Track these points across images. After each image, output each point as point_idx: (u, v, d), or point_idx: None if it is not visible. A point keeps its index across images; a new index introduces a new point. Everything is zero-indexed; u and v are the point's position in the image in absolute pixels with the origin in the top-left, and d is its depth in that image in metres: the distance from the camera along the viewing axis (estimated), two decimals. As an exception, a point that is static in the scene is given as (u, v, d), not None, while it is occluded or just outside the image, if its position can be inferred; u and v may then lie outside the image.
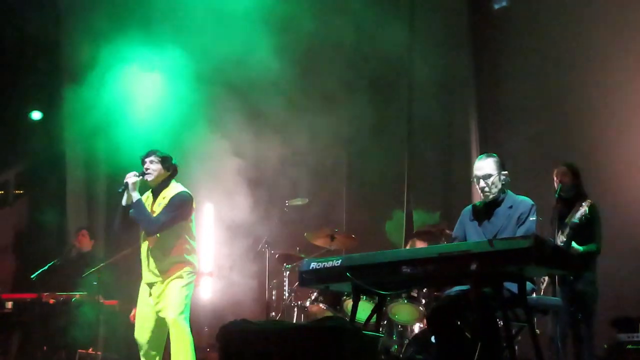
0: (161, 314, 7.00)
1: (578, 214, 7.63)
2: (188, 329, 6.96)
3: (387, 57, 10.85)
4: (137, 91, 10.33)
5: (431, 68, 10.85)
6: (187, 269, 7.05)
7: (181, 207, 6.99)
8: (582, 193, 8.12)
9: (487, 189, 6.25)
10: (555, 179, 8.16)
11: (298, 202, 9.60)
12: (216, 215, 11.18)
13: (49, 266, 9.74)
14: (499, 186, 6.26)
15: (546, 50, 10.25)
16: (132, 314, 9.52)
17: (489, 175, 6.24)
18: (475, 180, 6.31)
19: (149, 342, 7.07)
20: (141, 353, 7.14)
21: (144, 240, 7.11)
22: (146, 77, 10.36)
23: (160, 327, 7.03)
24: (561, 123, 10.00)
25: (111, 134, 10.41)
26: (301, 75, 10.70)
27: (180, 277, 7.00)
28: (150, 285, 7.05)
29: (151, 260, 7.02)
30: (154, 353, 7.10)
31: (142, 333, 7.08)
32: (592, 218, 7.84)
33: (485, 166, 6.29)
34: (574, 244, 7.63)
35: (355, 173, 11.12)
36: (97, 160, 11.59)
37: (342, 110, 11.07)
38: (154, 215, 7.00)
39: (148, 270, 7.07)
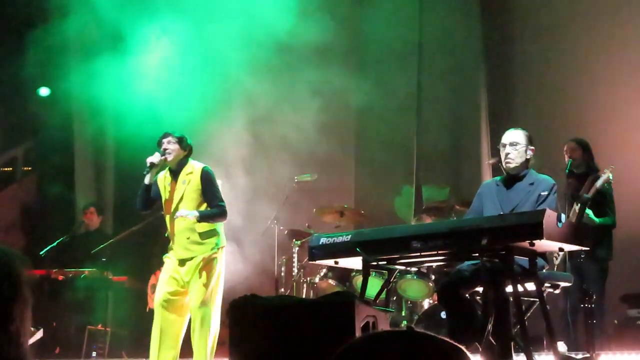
0: (190, 295, 7.04)
1: (601, 180, 7.53)
2: (212, 318, 6.99)
3: (395, 32, 10.78)
4: (146, 66, 10.28)
5: (441, 44, 10.78)
6: (220, 244, 7.16)
7: (215, 179, 7.33)
8: (593, 167, 8.10)
9: (511, 155, 6.16)
10: (565, 155, 8.15)
11: (307, 177, 9.58)
12: (225, 191, 11.15)
13: (58, 243, 9.76)
14: (523, 158, 6.19)
15: (559, 24, 10.16)
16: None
17: (517, 143, 6.17)
18: (501, 148, 6.24)
19: (173, 312, 7.12)
20: (160, 325, 7.14)
21: (173, 217, 7.15)
22: (155, 51, 10.30)
23: (185, 300, 7.11)
24: (574, 100, 9.93)
25: (120, 110, 10.38)
26: (309, 49, 10.63)
27: (215, 256, 7.07)
28: (183, 262, 7.08)
29: (184, 236, 7.07)
30: (175, 327, 7.12)
31: (169, 303, 7.12)
32: (608, 190, 7.82)
33: (514, 135, 6.23)
34: (590, 214, 7.58)
35: (364, 149, 11.07)
36: (106, 136, 11.56)
37: (351, 86, 11.00)
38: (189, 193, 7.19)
39: (179, 246, 7.10)
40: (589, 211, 7.58)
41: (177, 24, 10.28)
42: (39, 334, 9.13)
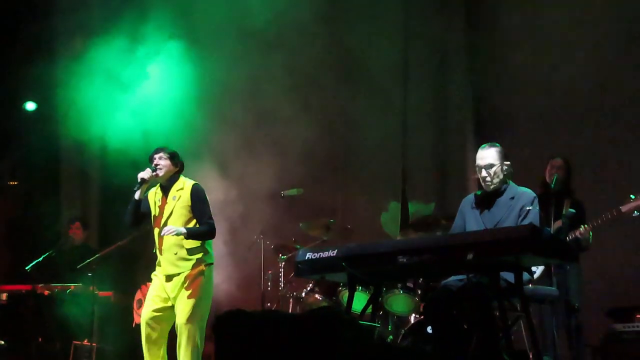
0: (175, 310, 7.01)
1: (629, 207, 7.62)
2: (197, 335, 6.96)
3: (382, 50, 10.81)
4: (133, 80, 10.28)
5: (427, 60, 10.81)
6: (208, 261, 7.12)
7: (206, 197, 7.28)
8: (570, 187, 8.21)
9: (488, 178, 6.21)
10: (549, 170, 8.21)
11: (293, 192, 9.59)
12: (211, 206, 11.15)
13: (44, 257, 9.73)
14: (501, 176, 6.23)
15: (547, 40, 10.20)
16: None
17: (491, 165, 6.21)
18: (477, 169, 6.27)
19: (158, 330, 7.08)
20: (146, 341, 7.10)
21: (161, 233, 7.13)
22: (142, 66, 10.31)
23: (171, 317, 7.06)
24: (560, 115, 9.97)
25: (106, 124, 10.37)
26: (294, 62, 10.65)
27: (202, 273, 7.03)
28: (170, 278, 7.06)
29: (171, 252, 7.04)
30: (160, 341, 7.10)
31: (154, 320, 7.08)
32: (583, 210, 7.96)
33: (487, 156, 6.25)
34: (590, 237, 7.65)
35: (350, 164, 11.08)
36: (92, 151, 11.53)
37: (336, 101, 11.03)
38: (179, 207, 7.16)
39: (167, 262, 7.07)
40: (590, 234, 7.68)
41: (165, 36, 10.29)
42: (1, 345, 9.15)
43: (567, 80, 9.88)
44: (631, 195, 7.65)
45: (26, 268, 9.63)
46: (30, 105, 11.56)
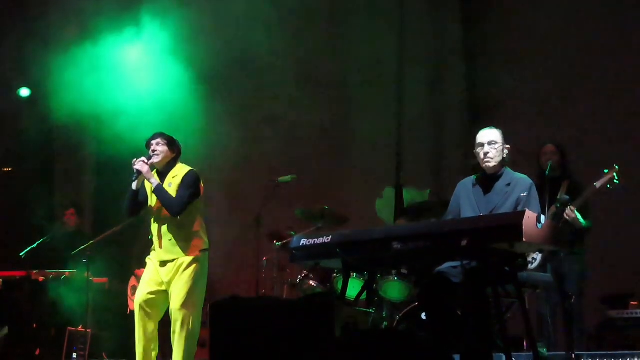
0: (170, 296, 7.00)
1: (603, 181, 7.57)
2: (192, 321, 6.94)
3: (377, 36, 10.81)
4: (128, 67, 10.25)
5: (422, 47, 10.81)
6: (202, 247, 7.10)
7: (195, 184, 7.17)
8: (568, 171, 8.16)
9: (490, 154, 6.15)
10: (542, 157, 8.20)
11: (288, 179, 9.58)
12: (205, 193, 11.15)
13: (38, 244, 9.73)
14: (501, 157, 6.19)
15: (543, 26, 10.20)
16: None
17: (495, 142, 6.17)
18: (477, 148, 6.23)
19: (151, 313, 7.07)
20: (139, 325, 7.09)
21: (157, 220, 7.13)
22: (137, 52, 10.28)
23: (164, 301, 7.06)
24: (554, 104, 9.98)
25: (100, 110, 10.35)
26: (290, 51, 10.65)
27: (196, 259, 7.01)
28: (164, 263, 7.04)
29: (166, 238, 7.03)
30: (153, 325, 7.09)
31: (147, 303, 7.07)
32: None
33: (490, 134, 6.21)
34: (579, 217, 7.63)
35: (345, 150, 11.08)
36: (86, 137, 11.51)
37: (332, 89, 11.02)
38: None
39: (162, 249, 7.06)
40: (578, 214, 7.64)
41: (158, 27, 10.27)
42: (4, 331, 9.15)
43: (562, 71, 9.90)
44: (605, 170, 7.62)
45: (20, 254, 9.63)
46: (25, 92, 11.52)
